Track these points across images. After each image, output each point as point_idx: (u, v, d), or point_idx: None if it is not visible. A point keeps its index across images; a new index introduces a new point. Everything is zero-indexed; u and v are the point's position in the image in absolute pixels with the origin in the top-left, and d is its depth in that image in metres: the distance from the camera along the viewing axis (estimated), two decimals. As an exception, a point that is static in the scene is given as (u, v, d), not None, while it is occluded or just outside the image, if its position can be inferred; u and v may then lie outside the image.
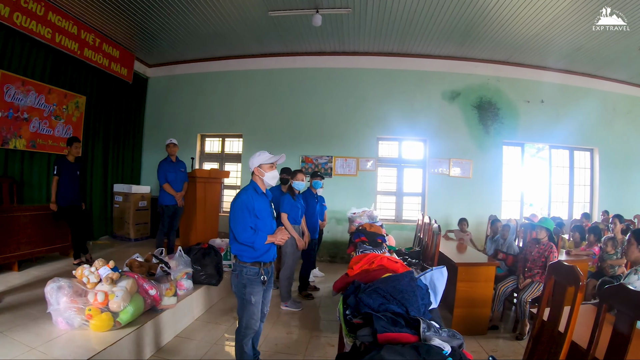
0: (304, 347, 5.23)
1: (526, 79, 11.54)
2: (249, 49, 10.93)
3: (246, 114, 11.23)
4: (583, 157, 12.56)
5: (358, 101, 11.01)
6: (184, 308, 5.57)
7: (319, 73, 11.08)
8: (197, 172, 8.14)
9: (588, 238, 7.62)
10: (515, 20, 8.70)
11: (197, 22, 8.98)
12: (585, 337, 2.81)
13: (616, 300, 2.66)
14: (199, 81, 11.56)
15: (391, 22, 9.08)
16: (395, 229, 10.70)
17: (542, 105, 11.60)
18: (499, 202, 11.48)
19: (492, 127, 11.23)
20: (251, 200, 4.03)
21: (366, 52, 10.97)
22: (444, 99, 11.16)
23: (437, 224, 6.66)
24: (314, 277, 8.58)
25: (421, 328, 2.32)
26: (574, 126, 11.83)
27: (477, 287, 5.95)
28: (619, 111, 12.36)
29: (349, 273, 3.76)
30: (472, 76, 11.26)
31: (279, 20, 9.03)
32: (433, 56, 11.04)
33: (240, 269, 4.02)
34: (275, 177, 4.24)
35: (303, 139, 11.04)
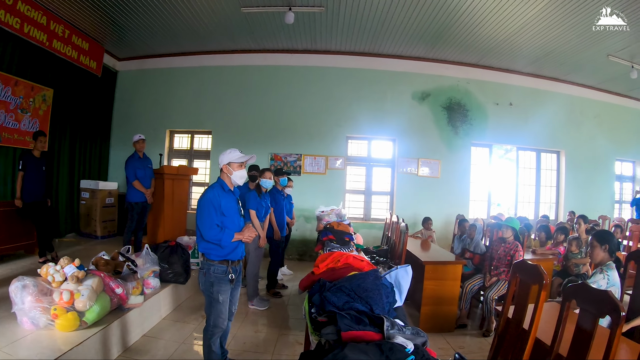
0: (273, 345, 5.29)
1: (495, 81, 11.98)
2: (221, 45, 10.99)
3: (216, 110, 11.30)
4: (550, 159, 13.14)
5: (328, 100, 11.22)
6: (151, 307, 5.54)
7: (290, 71, 11.24)
8: (165, 168, 8.16)
9: (556, 237, 7.95)
10: (486, 24, 9.02)
11: (168, 16, 8.96)
12: (549, 334, 2.94)
13: (579, 298, 2.78)
14: (169, 76, 11.56)
15: (363, 22, 9.25)
16: (364, 227, 10.96)
17: (511, 107, 12.08)
18: (467, 201, 11.89)
19: (461, 128, 11.62)
20: (218, 198, 4.05)
21: (338, 51, 11.17)
22: (414, 100, 11.48)
23: (404, 223, 6.84)
24: (282, 275, 8.70)
25: (385, 326, 2.36)
26: (542, 129, 12.37)
27: (444, 285, 6.14)
28: (586, 115, 12.96)
29: (314, 271, 3.80)
30: (442, 78, 11.61)
31: (252, 17, 9.10)
32: (404, 57, 11.32)
33: (207, 267, 4.03)
34: (242, 177, 4.26)
35: (273, 137, 11.16)
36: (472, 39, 9.97)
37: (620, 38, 9.25)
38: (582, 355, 2.56)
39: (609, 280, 4.08)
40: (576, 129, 12.81)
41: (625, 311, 2.41)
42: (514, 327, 3.32)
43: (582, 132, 12.86)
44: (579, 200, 12.60)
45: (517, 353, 3.08)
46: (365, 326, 2.41)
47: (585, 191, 12.86)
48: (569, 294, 2.86)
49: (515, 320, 3.34)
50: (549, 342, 2.91)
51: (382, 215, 11.24)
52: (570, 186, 12.80)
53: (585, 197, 12.81)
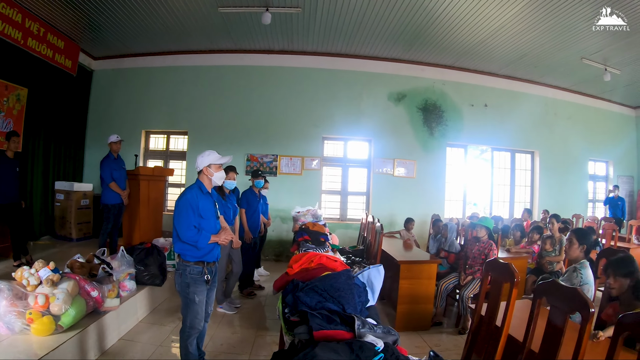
0: (250, 346, 5.36)
1: (471, 83, 12.35)
2: (198, 45, 11.07)
3: (192, 110, 11.34)
4: (524, 159, 13.59)
5: (305, 100, 11.41)
6: (127, 310, 5.56)
7: (266, 71, 11.38)
8: (140, 169, 8.19)
9: (531, 236, 8.27)
10: (462, 26, 9.29)
11: (145, 15, 8.96)
12: (521, 331, 3.03)
13: (550, 296, 2.87)
14: (146, 76, 11.54)
15: (340, 23, 9.40)
16: (340, 227, 11.21)
17: (486, 109, 12.46)
18: (442, 201, 12.22)
19: (437, 129, 11.94)
20: (196, 199, 4.12)
21: (314, 52, 11.35)
22: (389, 101, 11.76)
23: (379, 223, 6.99)
24: (259, 275, 8.84)
25: (356, 325, 2.43)
26: (516, 130, 12.82)
27: (419, 284, 6.29)
28: (560, 116, 13.45)
29: (288, 272, 3.84)
30: (418, 79, 11.91)
31: (229, 17, 9.19)
32: (380, 58, 11.58)
33: (183, 268, 4.09)
34: (222, 178, 4.39)
35: (249, 137, 11.27)
36: (448, 41, 10.23)
37: (594, 41, 9.64)
38: (553, 351, 2.65)
39: (582, 279, 4.20)
40: (550, 129, 13.29)
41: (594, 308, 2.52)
42: (487, 325, 3.44)
43: (556, 133, 13.34)
44: (553, 200, 13.06)
45: (491, 350, 3.17)
46: (337, 325, 2.49)
47: (559, 191, 13.33)
48: (540, 291, 2.97)
49: (488, 317, 3.46)
50: (521, 338, 3.01)
51: (358, 215, 11.52)
52: (545, 186, 13.26)
53: (559, 196, 13.27)
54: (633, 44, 9.64)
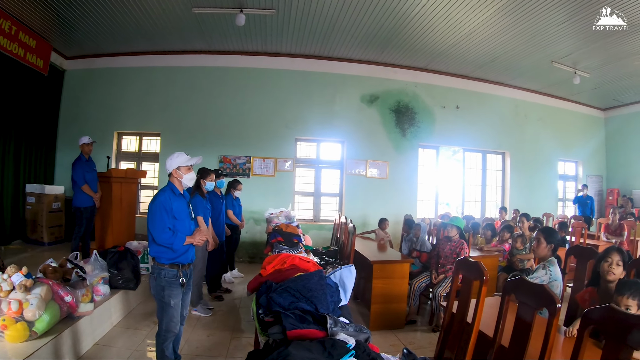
0: (226, 348, 5.40)
1: (443, 85, 12.72)
2: (171, 45, 11.09)
3: (165, 111, 11.35)
4: (495, 160, 14.03)
5: (278, 102, 11.56)
6: (101, 314, 5.52)
7: (240, 73, 11.50)
8: (113, 171, 8.22)
9: (502, 235, 8.53)
10: (435, 30, 9.55)
11: (119, 14, 8.95)
12: (492, 327, 3.14)
13: (518, 292, 2.98)
14: (118, 76, 11.48)
15: (314, 25, 9.57)
16: (314, 228, 11.43)
17: (458, 110, 12.86)
18: (415, 202, 12.57)
19: (409, 130, 12.27)
20: (169, 201, 4.13)
21: (288, 54, 11.55)
22: (362, 102, 12.04)
23: (352, 224, 7.11)
24: (233, 277, 8.95)
25: (328, 324, 2.52)
26: (487, 131, 13.29)
27: (392, 283, 6.43)
28: (530, 118, 13.99)
29: (262, 273, 3.92)
30: (391, 81, 12.23)
31: (203, 18, 9.24)
32: (354, 60, 11.83)
33: (158, 271, 4.09)
34: (193, 179, 4.42)
35: (222, 139, 11.36)
36: (421, 44, 10.51)
37: (564, 45, 10.06)
38: (523, 345, 2.75)
39: (551, 275, 4.35)
40: (521, 131, 13.80)
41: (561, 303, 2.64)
42: (459, 322, 3.55)
43: (526, 134, 13.86)
44: (523, 199, 13.51)
45: (463, 346, 3.26)
46: (310, 324, 2.58)
47: (529, 190, 13.84)
48: (509, 288, 3.08)
49: (460, 314, 3.58)
50: (492, 334, 3.11)
51: (331, 216, 11.68)
52: (515, 186, 13.75)
53: (529, 195, 13.77)
54: (601, 48, 10.09)
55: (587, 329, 2.36)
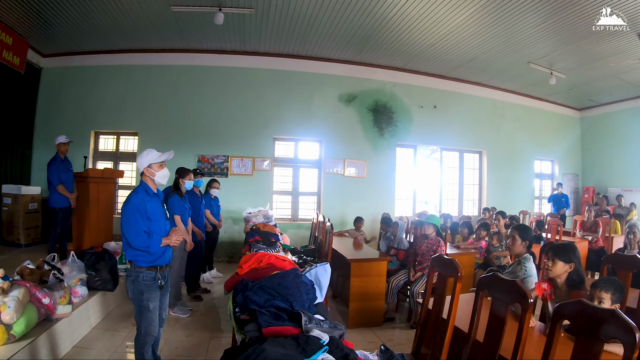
0: (205, 348, 5.43)
1: (421, 85, 12.99)
2: (149, 44, 11.05)
3: (143, 110, 11.28)
4: (472, 159, 14.37)
5: (256, 101, 11.62)
6: (80, 316, 5.50)
7: (219, 72, 11.53)
8: (90, 171, 8.06)
9: (478, 233, 8.78)
10: (413, 30, 9.73)
11: (96, 11, 8.86)
12: (467, 322, 3.19)
13: (491, 288, 3.06)
14: (96, 74, 11.35)
15: (293, 24, 9.65)
16: (292, 227, 11.57)
17: (435, 110, 13.16)
18: (392, 200, 12.81)
19: (387, 129, 12.51)
20: (143, 203, 4.05)
21: (267, 53, 11.64)
22: (340, 102, 12.23)
23: (329, 223, 7.12)
24: (212, 277, 8.97)
25: (303, 321, 2.55)
26: (465, 130, 13.63)
27: (370, 281, 6.56)
28: (507, 117, 14.36)
29: (238, 272, 3.91)
30: (369, 81, 12.44)
31: (181, 16, 9.22)
32: (332, 60, 12.01)
33: (136, 275, 4.03)
34: (165, 176, 4.30)
35: (200, 138, 11.37)
36: (400, 44, 10.70)
37: (541, 47, 10.36)
38: (497, 340, 2.82)
39: (526, 271, 4.50)
40: (498, 130, 14.19)
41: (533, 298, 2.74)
42: (435, 318, 3.62)
43: (503, 133, 14.24)
44: (500, 197, 13.91)
45: (439, 341, 3.33)
46: (284, 322, 2.62)
47: (506, 189, 14.24)
48: (482, 285, 3.16)
49: (435, 311, 3.65)
50: (467, 329, 3.18)
51: (309, 215, 11.86)
52: (492, 184, 14.13)
53: (506, 194, 14.18)
54: (577, 50, 10.43)
55: (558, 323, 2.43)
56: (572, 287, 3.71)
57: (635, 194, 14.33)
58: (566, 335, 2.97)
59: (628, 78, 12.42)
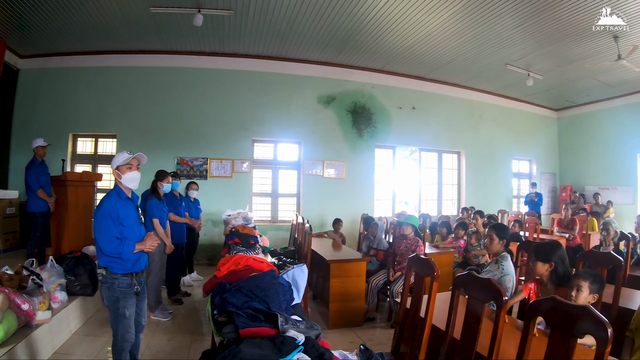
0: (186, 351, 5.43)
1: (400, 86, 13.26)
2: (128, 45, 11.04)
3: (122, 113, 11.22)
4: (451, 159, 14.70)
5: (235, 103, 11.72)
6: (60, 322, 5.40)
7: (198, 73, 11.59)
8: (68, 175, 7.80)
9: (457, 232, 8.93)
10: (391, 32, 9.92)
11: (75, 12, 8.80)
12: (445, 320, 3.26)
13: (467, 287, 3.13)
14: (74, 76, 11.23)
15: (272, 26, 9.74)
16: (272, 229, 11.71)
17: (414, 111, 13.44)
18: (372, 201, 13.05)
19: (366, 131, 12.74)
20: (115, 208, 3.94)
21: (246, 55, 11.73)
22: (319, 103, 12.41)
23: (308, 224, 7.20)
24: (192, 280, 9.01)
25: (279, 322, 2.59)
26: (443, 131, 13.95)
27: (349, 282, 6.63)
28: (484, 118, 14.72)
29: (217, 274, 3.91)
30: (348, 82, 12.65)
31: (160, 17, 9.23)
32: (311, 61, 12.19)
33: (111, 281, 3.93)
34: (134, 179, 4.13)
35: (179, 141, 11.38)
36: (378, 46, 10.91)
37: (518, 49, 10.65)
38: (473, 337, 2.87)
39: (503, 270, 4.57)
40: (476, 131, 14.54)
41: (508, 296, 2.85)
42: (413, 317, 3.67)
43: (481, 133, 14.61)
44: (478, 197, 14.26)
45: (417, 340, 3.38)
46: (261, 323, 2.66)
47: (484, 188, 14.60)
48: (458, 283, 3.23)
49: (413, 310, 3.69)
50: (444, 327, 3.24)
51: (289, 216, 11.90)
52: (471, 184, 14.48)
53: (484, 193, 14.54)
54: (553, 52, 10.76)
55: (532, 320, 2.48)
56: (557, 284, 3.81)
57: (612, 192, 14.80)
58: (542, 331, 3.11)
59: (604, 79, 12.79)
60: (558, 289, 3.74)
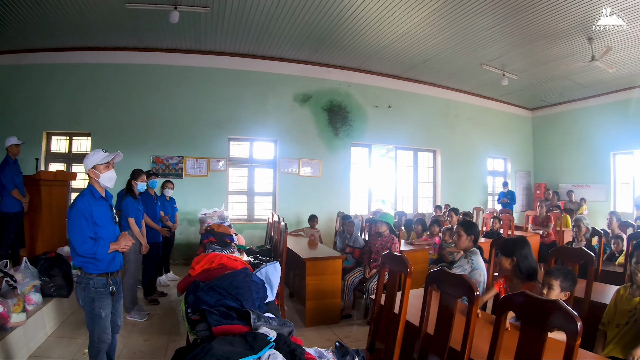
0: (163, 352, 5.39)
1: (376, 85, 13.48)
2: (104, 42, 10.92)
3: (97, 110, 11.07)
4: (426, 157, 15.01)
5: (211, 101, 11.76)
6: (35, 324, 5.33)
7: (174, 71, 11.59)
8: (42, 174, 7.85)
9: (432, 229, 8.92)
10: (368, 31, 10.07)
11: (49, 7, 8.67)
12: (418, 316, 3.30)
13: (439, 283, 3.16)
14: (48, 72, 11.06)
15: (249, 24, 9.78)
16: (248, 228, 11.83)
17: (390, 110, 13.70)
18: (348, 199, 13.28)
19: (342, 129, 12.94)
20: (88, 207, 3.90)
21: (222, 52, 11.78)
22: (295, 102, 12.57)
23: (284, 222, 7.23)
24: (168, 280, 9.01)
25: (251, 319, 2.60)
26: (419, 130, 14.24)
27: (325, 279, 6.71)
28: (460, 117, 15.07)
29: (191, 273, 3.88)
30: (324, 81, 12.83)
31: (136, 13, 9.13)
32: (288, 60, 12.31)
33: (86, 282, 3.91)
34: (112, 178, 4.11)
35: (154, 139, 11.33)
36: (355, 44, 11.06)
37: (494, 49, 10.92)
38: (446, 332, 2.91)
39: (473, 264, 4.69)
40: (451, 129, 14.89)
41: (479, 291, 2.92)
42: (387, 313, 3.70)
43: (457, 132, 14.96)
44: (454, 195, 14.62)
45: (392, 336, 3.39)
46: (234, 320, 2.66)
47: (460, 186, 14.97)
48: (431, 279, 3.25)
49: (388, 306, 3.73)
50: (417, 322, 3.31)
51: (265, 215, 11.97)
52: (446, 182, 14.82)
53: (460, 191, 14.92)
54: (528, 52, 11.08)
55: (503, 314, 2.52)
56: (522, 279, 3.91)
57: (586, 189, 15.27)
58: (515, 325, 3.18)
59: (578, 79, 13.17)
60: (525, 283, 3.85)
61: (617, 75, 12.29)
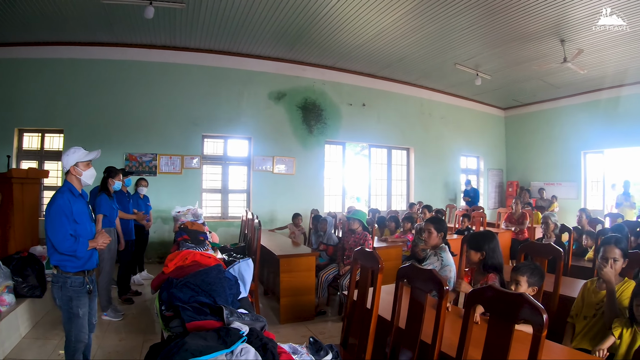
0: (139, 351, 5.37)
1: (350, 83, 13.74)
2: (77, 36, 10.74)
3: (69, 107, 10.90)
4: (400, 155, 15.30)
5: (185, 98, 11.76)
6: (9, 325, 5.26)
7: (147, 67, 11.53)
8: (13, 172, 7.34)
9: (404, 226, 9.08)
10: (343, 29, 10.24)
11: (22, 0, 8.53)
12: (390, 311, 3.38)
13: (409, 278, 3.24)
14: (20, 68, 10.82)
15: (224, 20, 9.82)
16: (222, 225, 11.87)
17: (364, 108, 13.93)
18: (322, 196, 13.54)
19: (316, 127, 13.19)
20: (69, 204, 3.88)
21: (197, 49, 11.80)
22: (270, 99, 12.73)
23: (257, 220, 7.22)
24: (142, 279, 8.98)
25: (224, 315, 2.63)
26: (393, 128, 14.54)
27: (299, 276, 6.80)
28: (434, 116, 15.44)
29: (164, 271, 3.90)
30: (299, 79, 13.04)
31: (111, 8, 9.06)
32: (263, 57, 12.45)
33: (63, 281, 3.88)
34: (92, 176, 4.17)
35: (128, 136, 11.22)
36: (330, 43, 11.26)
37: (468, 49, 11.24)
38: (417, 326, 3.00)
39: (443, 261, 4.78)
40: (425, 128, 15.27)
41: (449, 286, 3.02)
42: (360, 308, 3.77)
43: (430, 131, 15.35)
44: (427, 192, 14.99)
45: (365, 331, 3.45)
46: (207, 316, 2.70)
47: (433, 183, 15.36)
48: (401, 275, 3.34)
49: (360, 302, 3.81)
50: (389, 317, 3.37)
51: (239, 213, 12.09)
52: (419, 179, 15.17)
53: (433, 188, 15.30)
54: (502, 53, 11.46)
55: (472, 307, 2.61)
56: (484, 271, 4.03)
57: (557, 187, 15.83)
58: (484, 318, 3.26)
59: (550, 80, 13.64)
60: (485, 274, 3.98)
61: (588, 77, 12.78)
